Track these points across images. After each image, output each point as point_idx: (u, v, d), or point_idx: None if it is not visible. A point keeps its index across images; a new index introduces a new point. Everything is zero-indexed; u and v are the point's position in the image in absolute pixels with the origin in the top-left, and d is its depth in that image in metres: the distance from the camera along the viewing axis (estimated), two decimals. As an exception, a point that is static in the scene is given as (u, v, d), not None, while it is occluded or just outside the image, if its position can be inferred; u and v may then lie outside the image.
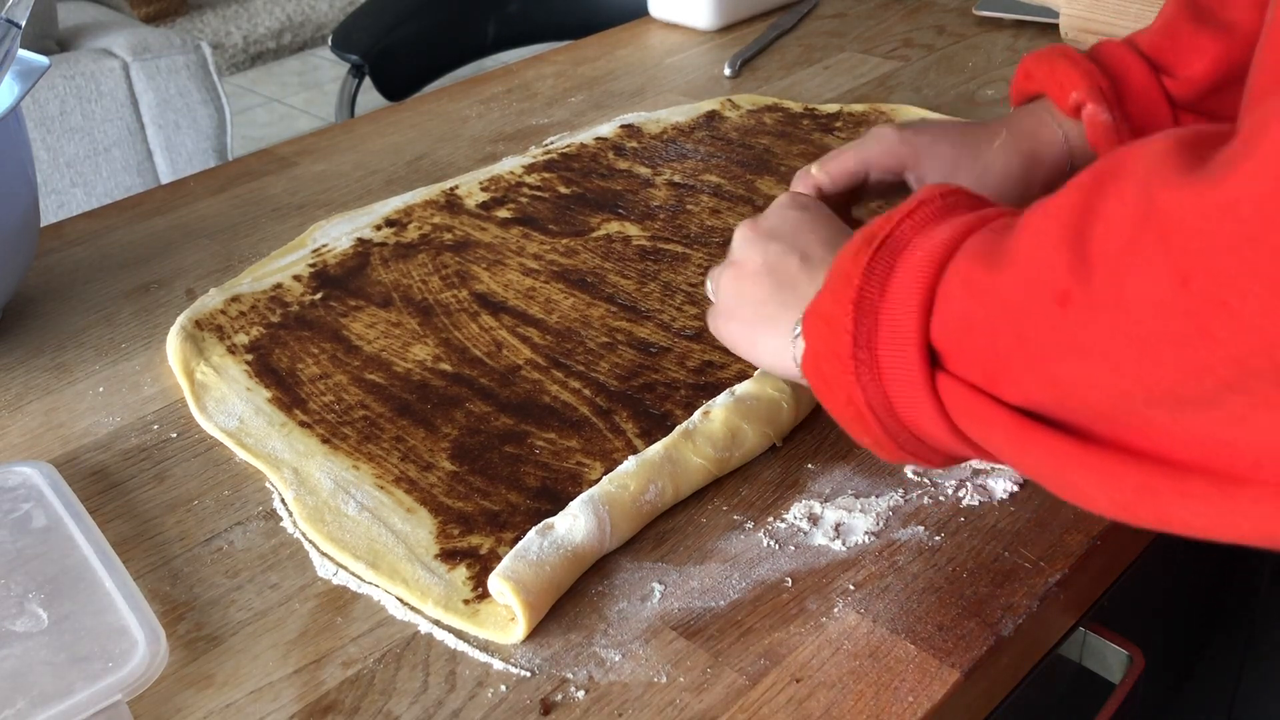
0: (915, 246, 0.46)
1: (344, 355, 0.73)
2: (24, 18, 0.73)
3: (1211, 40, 0.67)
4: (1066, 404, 0.40)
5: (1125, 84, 0.69)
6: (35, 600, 0.54)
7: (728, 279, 0.60)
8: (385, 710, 0.51)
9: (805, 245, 0.58)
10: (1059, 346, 0.38)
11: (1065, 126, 0.70)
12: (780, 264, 0.57)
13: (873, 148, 0.68)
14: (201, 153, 2.56)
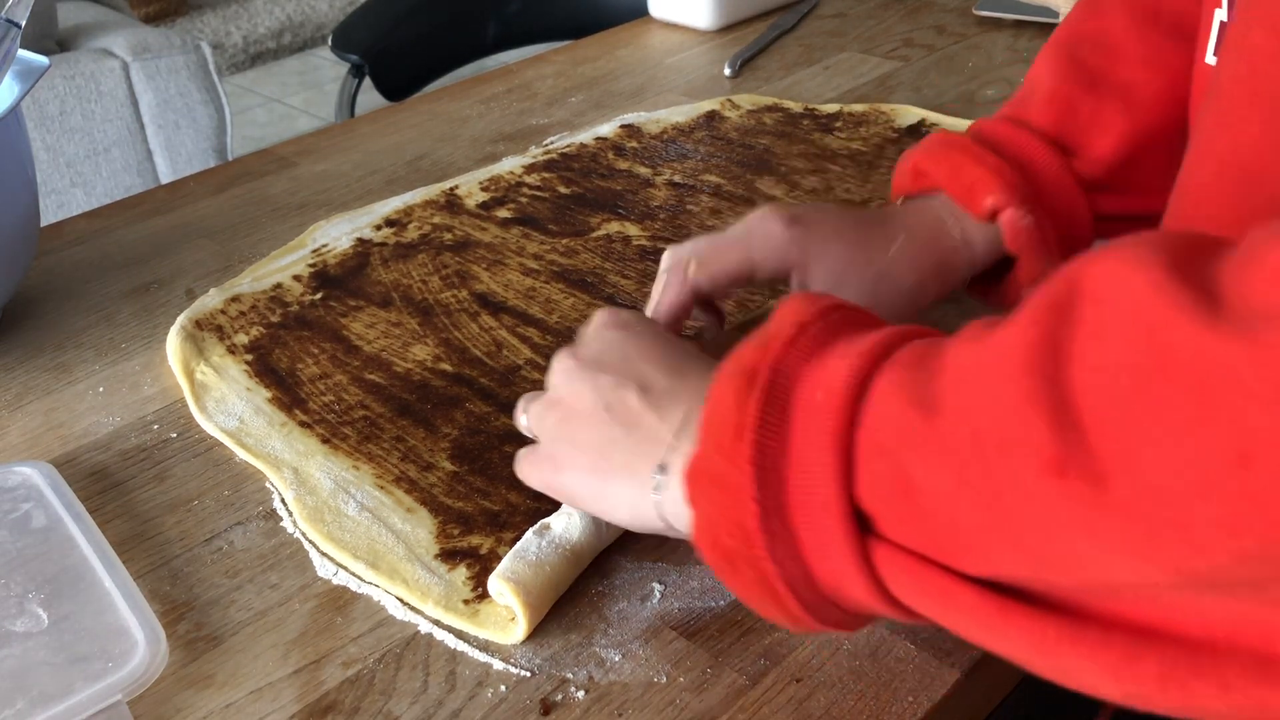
0: (809, 383, 0.39)
1: (344, 355, 0.73)
2: (24, 18, 0.73)
3: (1115, 113, 0.63)
4: (1059, 582, 0.34)
5: (1037, 177, 0.63)
6: (35, 600, 0.54)
7: (553, 420, 0.51)
8: (385, 710, 0.51)
9: (641, 374, 0.49)
10: (1051, 524, 0.32)
11: (967, 230, 0.63)
12: (617, 400, 0.49)
13: (757, 247, 0.60)
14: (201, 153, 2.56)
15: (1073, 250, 0.63)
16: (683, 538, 0.45)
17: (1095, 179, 0.64)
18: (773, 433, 0.38)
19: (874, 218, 0.64)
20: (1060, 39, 0.67)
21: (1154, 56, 0.63)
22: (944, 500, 0.35)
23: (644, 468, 0.47)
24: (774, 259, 0.60)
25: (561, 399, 0.51)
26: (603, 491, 0.49)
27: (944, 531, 0.35)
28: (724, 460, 0.39)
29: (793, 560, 0.39)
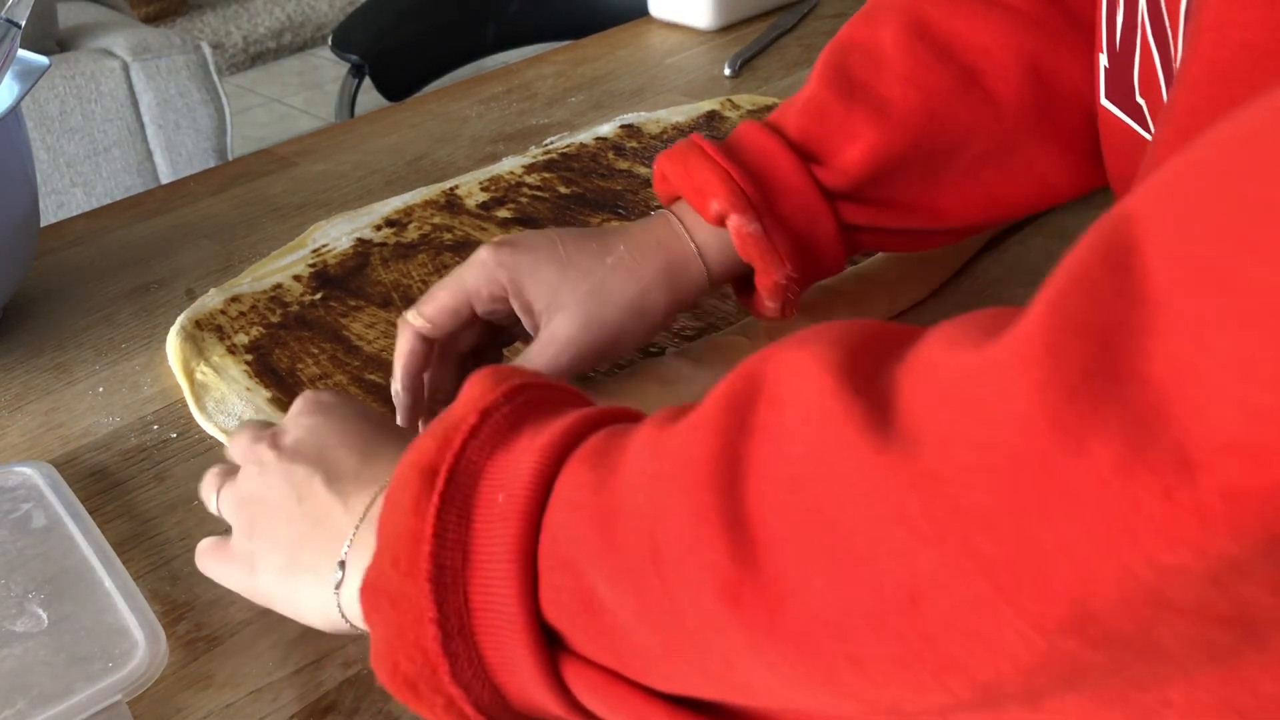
0: (491, 483, 0.36)
1: (344, 355, 0.73)
2: (24, 18, 0.73)
3: (865, 124, 0.61)
4: (743, 703, 0.33)
5: (773, 184, 0.61)
6: (35, 600, 0.54)
7: (245, 519, 0.48)
8: (385, 710, 0.51)
9: (332, 461, 0.46)
10: (729, 652, 0.31)
11: (702, 237, 0.61)
12: (308, 493, 0.45)
13: (468, 278, 0.60)
14: (201, 153, 2.56)
15: (820, 257, 0.62)
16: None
17: (840, 188, 0.61)
18: (453, 543, 0.35)
19: (594, 234, 0.62)
20: (834, 44, 0.64)
21: (917, 73, 0.61)
22: (627, 619, 0.33)
23: (328, 566, 0.43)
24: (485, 287, 0.59)
25: (254, 494, 0.47)
26: (294, 594, 0.46)
27: (630, 651, 0.34)
28: (400, 576, 0.36)
29: (480, 681, 0.36)
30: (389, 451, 0.46)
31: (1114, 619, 0.24)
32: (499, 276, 0.59)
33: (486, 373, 0.40)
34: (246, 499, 0.48)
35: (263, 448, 0.48)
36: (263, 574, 0.47)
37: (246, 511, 0.48)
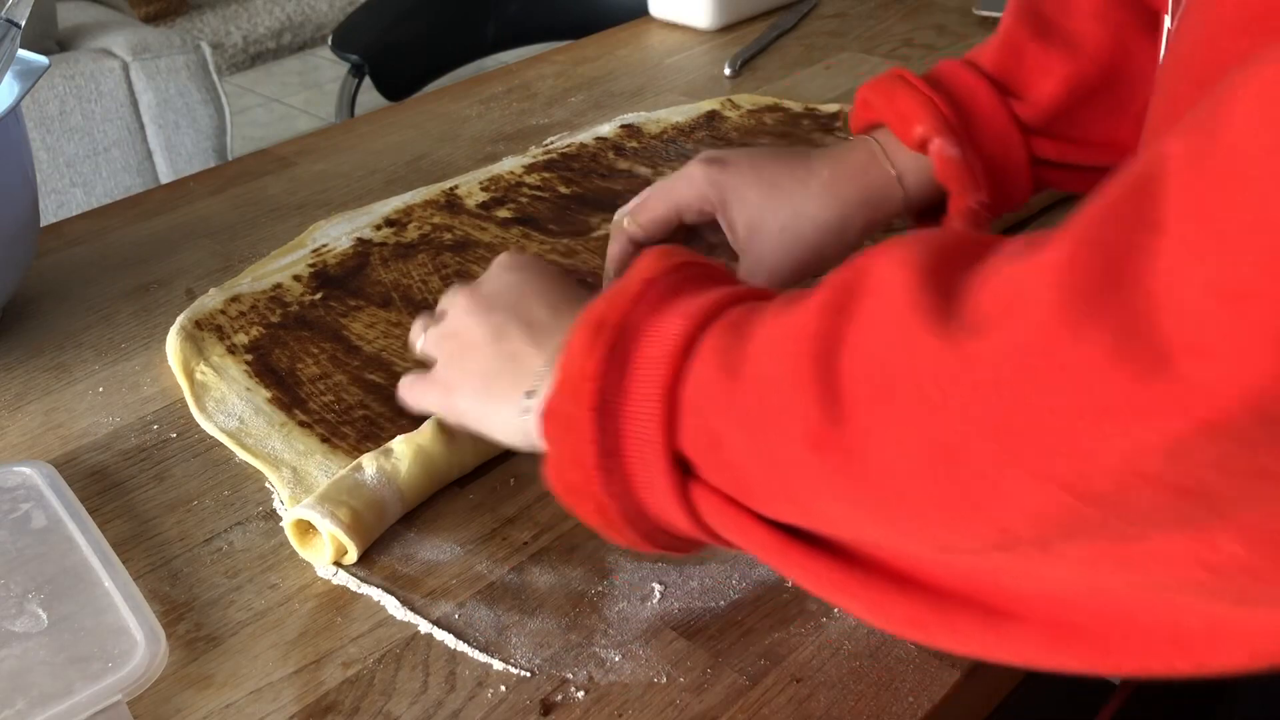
0: (648, 338, 0.43)
1: (344, 355, 0.73)
2: (24, 18, 0.73)
3: (1059, 59, 0.64)
4: (826, 531, 0.39)
5: (973, 112, 0.64)
6: (35, 600, 0.54)
7: (448, 350, 0.56)
8: (385, 710, 0.51)
9: (529, 312, 0.53)
10: (814, 488, 0.37)
11: (902, 163, 0.65)
12: (505, 335, 0.53)
13: (681, 191, 0.65)
14: (201, 153, 2.56)
15: (1010, 188, 0.66)
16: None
17: (1035, 122, 0.65)
18: (614, 383, 0.42)
19: (799, 156, 0.66)
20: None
21: (1105, 11, 0.65)
22: (740, 455, 0.40)
23: (518, 394, 0.51)
24: (695, 202, 0.65)
25: (457, 331, 0.55)
26: (486, 413, 0.53)
27: (741, 481, 0.41)
28: (571, 404, 0.43)
29: (625, 495, 0.43)
30: (573, 309, 0.52)
31: (1099, 482, 0.30)
32: (709, 194, 0.64)
33: (655, 251, 0.46)
34: (450, 335, 0.56)
35: (466, 295, 0.56)
36: (460, 397, 0.55)
37: (449, 345, 0.56)
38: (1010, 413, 0.31)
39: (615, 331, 0.43)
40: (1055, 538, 0.32)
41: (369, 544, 0.58)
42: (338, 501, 0.57)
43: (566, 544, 0.59)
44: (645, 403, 0.42)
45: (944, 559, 0.36)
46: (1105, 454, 0.29)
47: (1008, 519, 0.32)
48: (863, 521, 0.37)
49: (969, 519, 0.33)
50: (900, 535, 0.36)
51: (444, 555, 0.59)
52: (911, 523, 0.35)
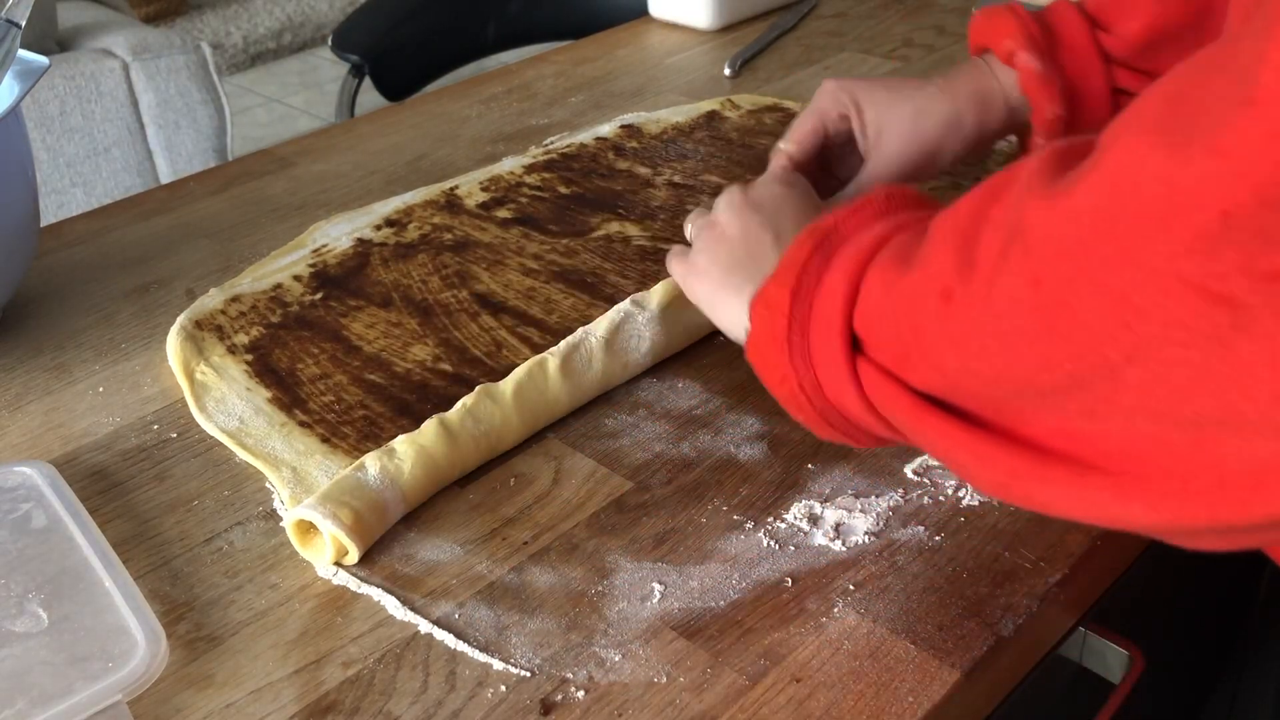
0: (851, 242, 0.50)
1: (344, 355, 0.73)
2: (24, 18, 0.73)
3: (1148, 2, 0.71)
4: (954, 391, 0.44)
5: (1059, 36, 0.72)
6: (35, 600, 0.54)
7: (706, 237, 0.64)
8: (385, 710, 0.51)
9: (780, 223, 0.61)
10: (941, 338, 0.43)
11: (1004, 79, 0.73)
12: (756, 237, 0.61)
13: (821, 102, 0.74)
14: (201, 153, 2.56)
15: (1088, 111, 0.72)
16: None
17: (1120, 54, 0.71)
18: (814, 273, 0.50)
19: (916, 76, 0.77)
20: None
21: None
22: (895, 325, 0.46)
23: (749, 290, 0.56)
24: (834, 108, 0.74)
25: (716, 223, 0.63)
26: (717, 300, 0.61)
27: (895, 350, 0.46)
28: (776, 286, 0.51)
29: (806, 367, 0.50)
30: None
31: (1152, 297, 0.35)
32: (843, 97, 0.74)
33: (882, 186, 0.54)
34: (710, 225, 0.64)
35: (737, 194, 0.64)
36: (700, 282, 0.63)
37: (707, 234, 0.63)
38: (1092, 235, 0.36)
39: (825, 234, 0.51)
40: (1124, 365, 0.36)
41: (370, 544, 0.58)
42: (339, 502, 0.57)
43: (566, 544, 0.59)
44: (833, 287, 0.49)
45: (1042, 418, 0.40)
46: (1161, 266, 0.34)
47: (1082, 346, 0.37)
48: (976, 366, 0.42)
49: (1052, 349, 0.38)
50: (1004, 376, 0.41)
51: (444, 555, 0.59)
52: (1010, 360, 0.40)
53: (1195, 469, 0.36)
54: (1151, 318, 0.35)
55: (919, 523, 0.59)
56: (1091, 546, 0.57)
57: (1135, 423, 0.37)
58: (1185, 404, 0.35)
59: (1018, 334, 0.39)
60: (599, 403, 0.69)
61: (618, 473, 0.63)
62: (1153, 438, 0.37)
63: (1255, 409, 0.34)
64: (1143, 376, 0.36)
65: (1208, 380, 0.34)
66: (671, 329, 0.71)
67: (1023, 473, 0.41)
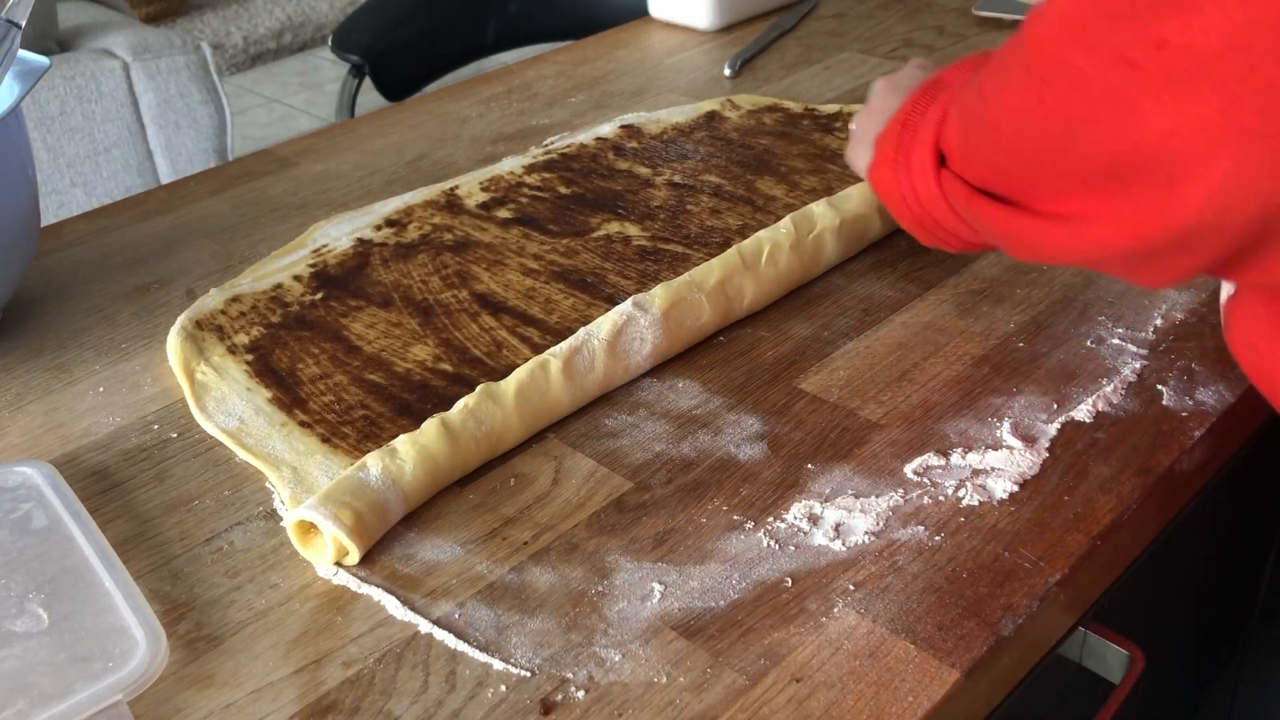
0: (949, 85, 0.60)
1: (344, 355, 0.73)
2: (24, 18, 0.73)
3: None
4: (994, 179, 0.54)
5: None
6: (35, 600, 0.54)
7: (863, 113, 0.76)
8: (385, 710, 0.51)
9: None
10: (975, 124, 0.54)
11: None
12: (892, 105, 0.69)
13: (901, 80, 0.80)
14: (201, 153, 2.56)
15: None
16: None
17: None
18: (920, 110, 0.61)
19: None
20: None
21: None
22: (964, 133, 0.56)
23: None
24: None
25: (870, 105, 0.76)
26: (854, 153, 0.76)
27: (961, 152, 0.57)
28: (892, 124, 0.63)
29: (908, 180, 0.61)
30: None
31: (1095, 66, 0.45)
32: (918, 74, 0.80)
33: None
34: (866, 109, 0.76)
35: (885, 80, 0.76)
36: (855, 145, 0.76)
37: (865, 110, 0.76)
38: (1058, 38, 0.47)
39: (934, 83, 0.62)
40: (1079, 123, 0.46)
41: (371, 545, 0.58)
42: (340, 503, 0.57)
43: (566, 544, 0.59)
44: (931, 118, 0.59)
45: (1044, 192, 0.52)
46: None
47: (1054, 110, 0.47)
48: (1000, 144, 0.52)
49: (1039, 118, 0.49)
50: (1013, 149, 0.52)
51: (444, 555, 0.59)
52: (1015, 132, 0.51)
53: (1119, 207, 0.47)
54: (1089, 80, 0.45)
55: (919, 523, 0.59)
56: (1091, 546, 0.57)
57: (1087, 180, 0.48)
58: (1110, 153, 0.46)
59: (1021, 109, 0.50)
60: (599, 403, 0.69)
61: (618, 473, 0.63)
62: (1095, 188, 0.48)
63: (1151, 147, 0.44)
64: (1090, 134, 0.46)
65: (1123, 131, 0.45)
66: (673, 331, 0.71)
67: (1034, 231, 0.52)
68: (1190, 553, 0.82)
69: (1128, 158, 0.46)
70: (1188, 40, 0.41)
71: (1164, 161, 0.44)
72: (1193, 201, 0.44)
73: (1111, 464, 0.62)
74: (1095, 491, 0.60)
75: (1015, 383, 0.68)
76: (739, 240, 0.78)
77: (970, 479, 0.61)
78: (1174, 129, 0.43)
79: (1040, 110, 0.48)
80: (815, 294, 0.79)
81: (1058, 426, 0.65)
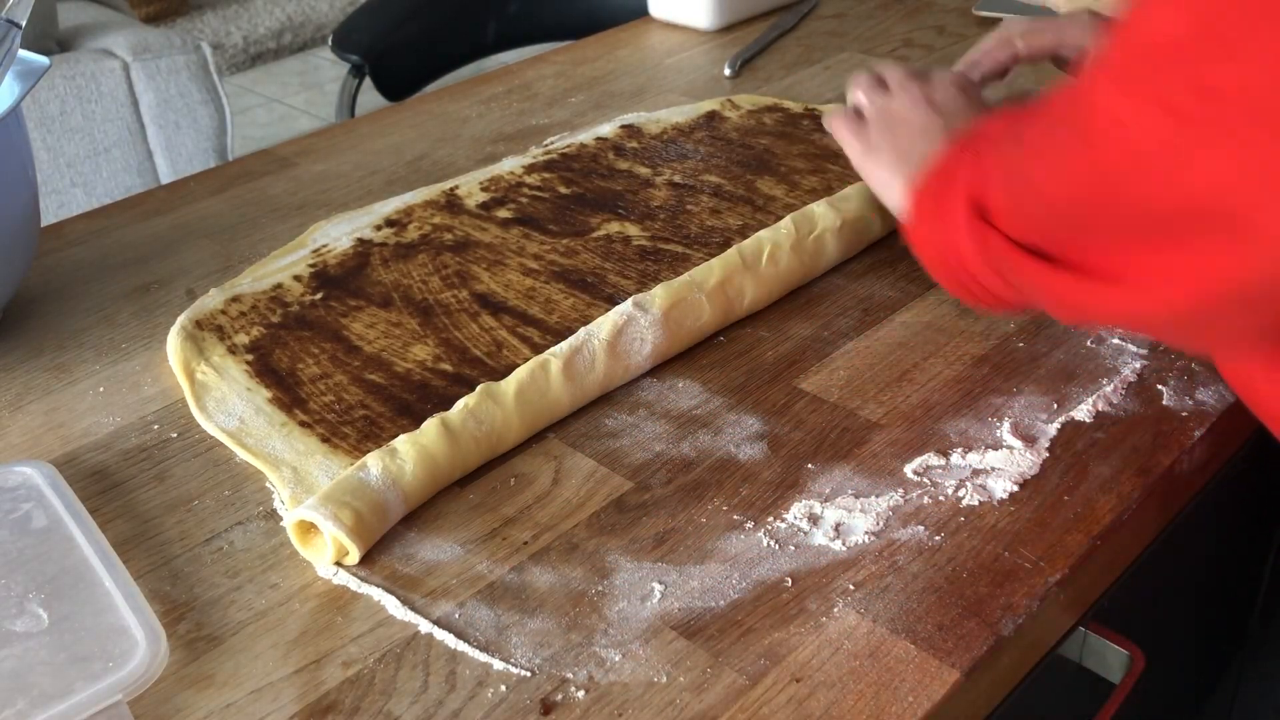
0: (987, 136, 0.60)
1: (344, 355, 0.73)
2: (24, 18, 0.73)
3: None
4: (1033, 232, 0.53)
5: None
6: (35, 600, 0.54)
7: (883, 117, 0.74)
8: (385, 710, 0.51)
9: (952, 116, 0.71)
10: (1018, 178, 0.54)
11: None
12: (932, 134, 0.71)
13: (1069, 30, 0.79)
14: (201, 153, 2.56)
15: None
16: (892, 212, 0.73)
17: None
18: (962, 157, 0.60)
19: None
20: None
21: None
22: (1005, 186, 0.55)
23: (904, 170, 0.69)
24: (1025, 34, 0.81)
25: (899, 109, 0.73)
26: (884, 177, 0.72)
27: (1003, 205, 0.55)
28: (931, 175, 0.62)
29: (944, 230, 0.59)
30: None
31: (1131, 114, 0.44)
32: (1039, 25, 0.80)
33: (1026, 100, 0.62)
34: (889, 108, 0.74)
35: (917, 85, 0.74)
36: (870, 156, 0.73)
37: (886, 115, 0.74)
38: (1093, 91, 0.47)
39: (974, 135, 0.61)
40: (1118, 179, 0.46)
41: (371, 545, 0.58)
42: (341, 503, 0.57)
43: (566, 544, 0.59)
44: (968, 172, 0.58)
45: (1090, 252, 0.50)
46: None
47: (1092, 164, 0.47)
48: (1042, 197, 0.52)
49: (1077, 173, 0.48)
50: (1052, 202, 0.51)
51: (444, 555, 0.59)
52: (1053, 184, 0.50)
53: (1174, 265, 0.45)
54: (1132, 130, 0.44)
55: (919, 523, 0.59)
56: (1091, 546, 0.57)
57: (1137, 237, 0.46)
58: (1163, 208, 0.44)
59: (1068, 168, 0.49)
60: (599, 403, 0.69)
61: (618, 473, 0.63)
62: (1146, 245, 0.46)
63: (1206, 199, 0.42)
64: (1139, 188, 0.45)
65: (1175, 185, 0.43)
66: (674, 331, 0.71)
67: (1083, 291, 0.51)
68: (1190, 553, 0.82)
69: (1182, 211, 0.44)
70: (1240, 85, 0.40)
71: (1223, 213, 0.42)
72: (1260, 257, 0.42)
73: (1111, 464, 0.62)
74: (1095, 491, 0.60)
75: (1015, 382, 0.68)
76: (739, 240, 0.78)
77: (970, 479, 0.61)
78: (1230, 179, 0.41)
79: (1086, 163, 0.47)
80: (815, 294, 0.79)
81: (1058, 426, 0.65)
